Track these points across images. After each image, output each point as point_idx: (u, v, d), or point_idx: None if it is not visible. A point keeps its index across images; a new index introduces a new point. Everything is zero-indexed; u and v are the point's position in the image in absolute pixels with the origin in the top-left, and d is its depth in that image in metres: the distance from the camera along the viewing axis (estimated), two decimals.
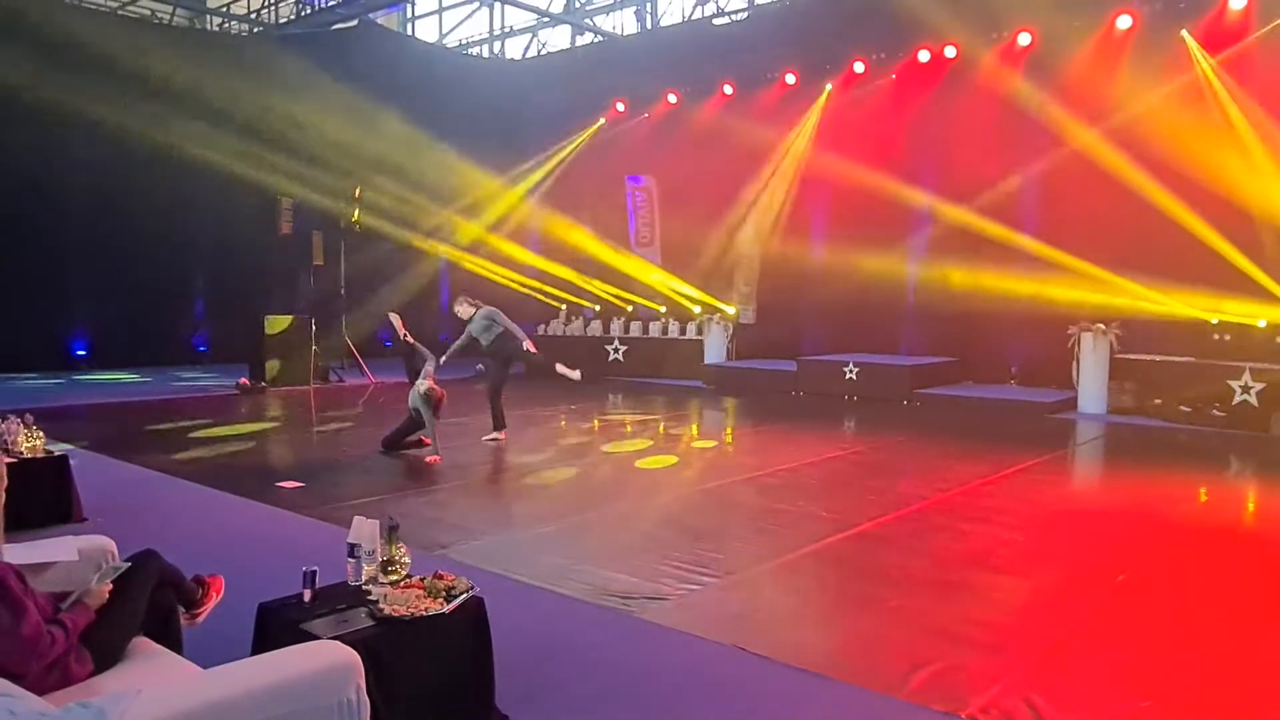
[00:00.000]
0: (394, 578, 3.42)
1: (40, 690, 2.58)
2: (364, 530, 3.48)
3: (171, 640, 3.20)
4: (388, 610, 3.14)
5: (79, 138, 15.37)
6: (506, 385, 9.70)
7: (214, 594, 3.50)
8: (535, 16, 22.36)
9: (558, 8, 21.89)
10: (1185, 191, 11.44)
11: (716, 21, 19.19)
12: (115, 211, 16.04)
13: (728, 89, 16.81)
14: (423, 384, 8.63)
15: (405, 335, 9.29)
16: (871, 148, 14.46)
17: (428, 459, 8.41)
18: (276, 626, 3.18)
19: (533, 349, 9.56)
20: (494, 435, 9.54)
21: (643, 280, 18.10)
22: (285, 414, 12.11)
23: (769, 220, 16.78)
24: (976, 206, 13.62)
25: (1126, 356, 12.31)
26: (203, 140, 16.51)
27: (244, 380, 14.30)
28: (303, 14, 20.41)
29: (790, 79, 16.04)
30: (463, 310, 9.56)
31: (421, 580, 3.38)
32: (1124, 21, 12.49)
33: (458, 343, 9.52)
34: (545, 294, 19.40)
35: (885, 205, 14.30)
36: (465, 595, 3.33)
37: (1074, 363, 12.54)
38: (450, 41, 24.53)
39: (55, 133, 15.11)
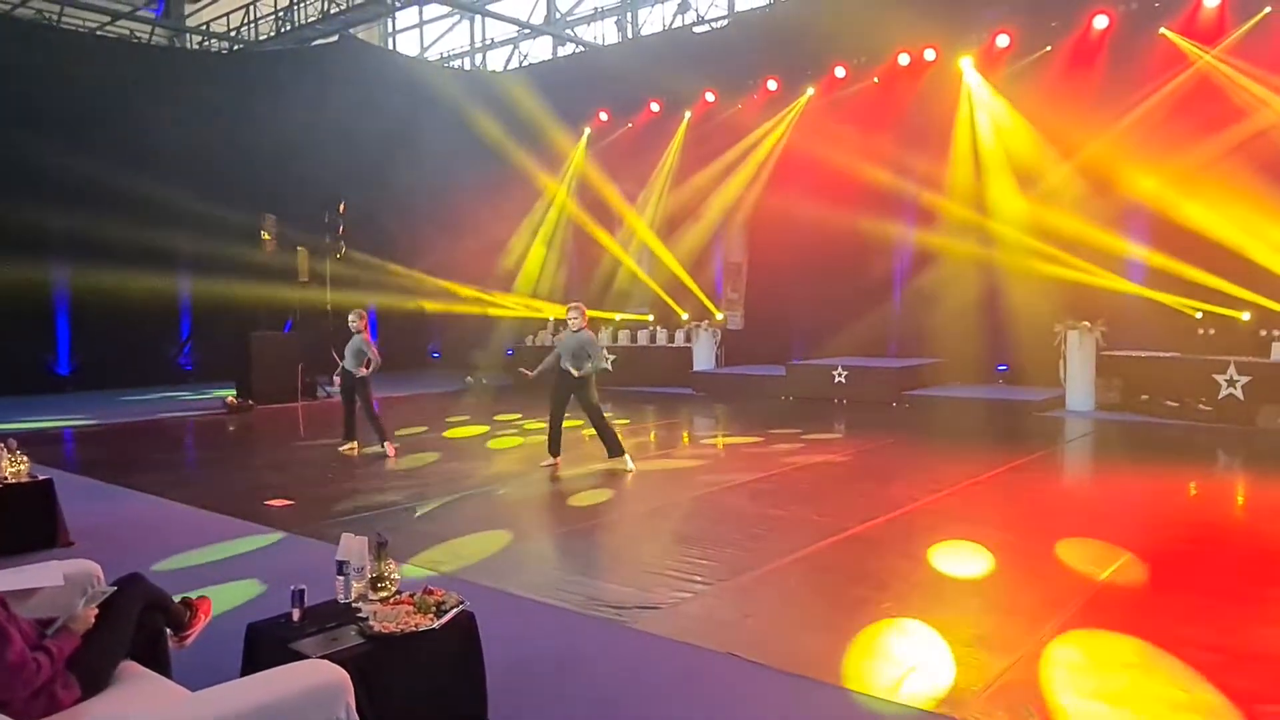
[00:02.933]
0: (383, 594, 3.39)
1: (26, 717, 2.55)
2: (353, 547, 3.46)
3: (160, 663, 3.18)
4: (377, 627, 3.12)
5: (59, 156, 15.31)
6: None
7: (202, 616, 3.46)
8: (516, 29, 22.39)
9: (538, 19, 21.92)
10: (1183, 192, 11.52)
11: (697, 30, 19.27)
12: (97, 230, 15.97)
13: (710, 96, 16.87)
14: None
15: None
16: (856, 151, 14.51)
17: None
18: (266, 646, 3.15)
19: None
20: (623, 463, 8.62)
21: (638, 277, 18.07)
22: (273, 431, 12.05)
23: (755, 226, 16.83)
24: (965, 208, 13.72)
25: (1112, 353, 12.37)
26: (185, 158, 16.46)
27: (231, 399, 14.22)
28: (283, 30, 20.39)
29: (772, 85, 16.10)
30: (575, 321, 8.54)
31: (411, 596, 3.36)
32: (1100, 22, 12.60)
33: (548, 360, 8.71)
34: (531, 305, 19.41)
35: (871, 208, 14.37)
36: (456, 610, 3.31)
37: (1061, 361, 12.59)
38: (432, 55, 24.55)
39: (35, 151, 15.05)
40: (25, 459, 6.24)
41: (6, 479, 6.04)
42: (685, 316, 17.14)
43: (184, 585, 3.62)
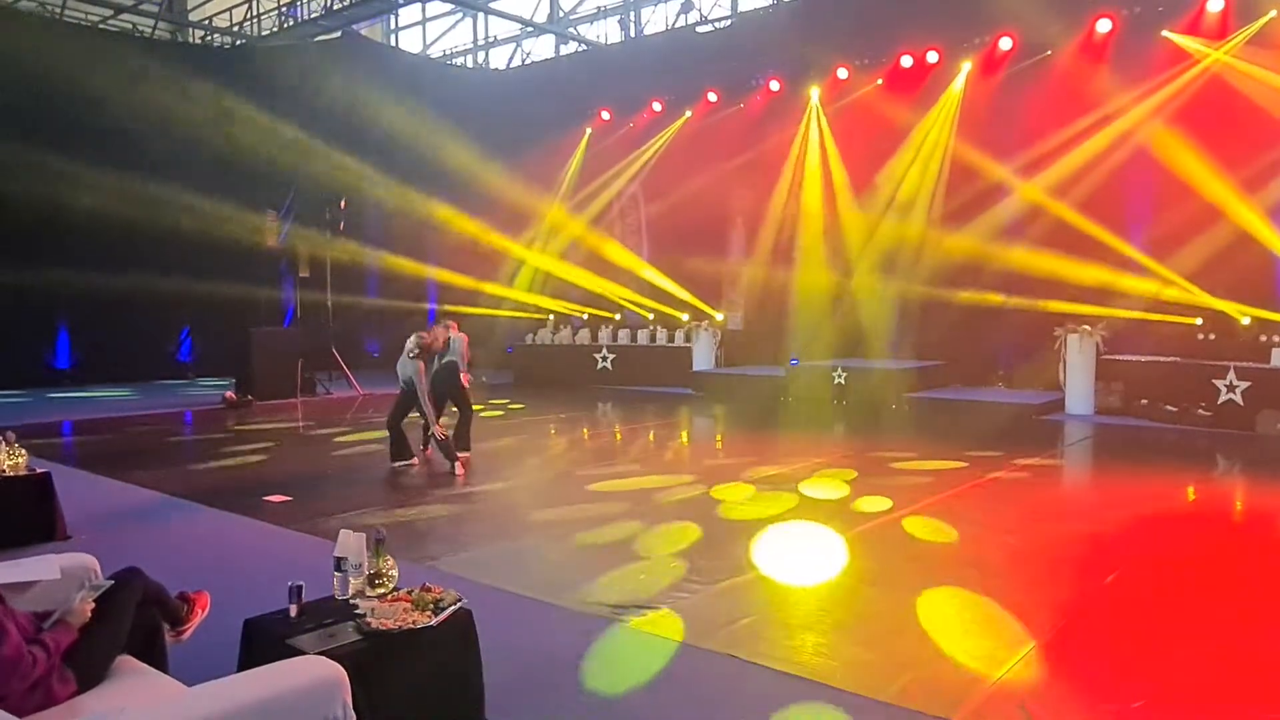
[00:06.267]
0: (381, 591, 3.39)
1: (22, 711, 2.54)
2: (350, 543, 3.45)
3: (157, 658, 3.17)
4: (375, 624, 3.11)
5: (60, 151, 15.25)
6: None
7: (199, 610, 3.46)
8: (519, 26, 22.36)
9: (541, 17, 21.89)
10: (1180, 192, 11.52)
11: (700, 29, 19.23)
12: (97, 224, 15.95)
13: (712, 96, 16.85)
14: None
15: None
16: (856, 153, 14.51)
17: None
18: (263, 642, 3.15)
19: (466, 382, 8.99)
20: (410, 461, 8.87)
21: (635, 275, 18.07)
22: (272, 427, 12.03)
23: (755, 227, 16.80)
24: (963, 210, 13.71)
25: (1112, 357, 12.36)
26: (187, 153, 16.43)
27: (230, 394, 14.20)
28: (286, 26, 20.36)
29: (774, 86, 16.08)
30: (446, 334, 8.80)
31: (409, 593, 3.35)
32: (1104, 25, 12.58)
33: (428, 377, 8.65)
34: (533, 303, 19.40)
35: (869, 211, 14.36)
36: (453, 607, 3.31)
37: (1061, 364, 12.58)
38: (434, 52, 24.51)
39: (35, 147, 14.99)
40: (23, 452, 6.23)
41: (5, 472, 6.04)
42: (685, 317, 17.13)
43: (181, 580, 3.61)
